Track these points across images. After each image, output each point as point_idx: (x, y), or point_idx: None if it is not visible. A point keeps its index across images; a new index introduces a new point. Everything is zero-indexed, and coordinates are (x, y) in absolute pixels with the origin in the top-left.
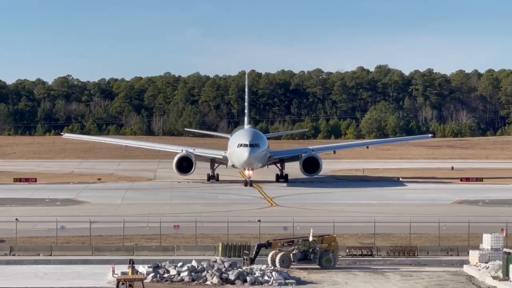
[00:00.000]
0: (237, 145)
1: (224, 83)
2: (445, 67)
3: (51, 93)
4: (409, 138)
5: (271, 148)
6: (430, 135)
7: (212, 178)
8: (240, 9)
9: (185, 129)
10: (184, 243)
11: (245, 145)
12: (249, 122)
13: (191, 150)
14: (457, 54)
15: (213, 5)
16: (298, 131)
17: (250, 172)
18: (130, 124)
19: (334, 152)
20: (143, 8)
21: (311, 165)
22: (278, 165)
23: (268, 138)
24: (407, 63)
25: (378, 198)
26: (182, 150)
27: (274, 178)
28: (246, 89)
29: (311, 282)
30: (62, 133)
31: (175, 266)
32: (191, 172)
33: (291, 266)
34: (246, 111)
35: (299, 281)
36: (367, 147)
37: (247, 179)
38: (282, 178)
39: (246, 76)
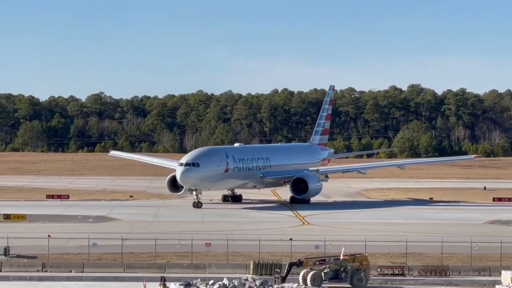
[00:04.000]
0: (178, 163)
1: (257, 101)
2: (478, 86)
3: (84, 110)
4: (454, 158)
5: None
6: (474, 155)
7: (228, 198)
8: (273, 27)
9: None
10: (216, 261)
11: (181, 164)
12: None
13: None
14: (490, 73)
15: (246, 23)
16: (384, 149)
17: (197, 192)
18: (163, 142)
19: (365, 172)
20: (175, 25)
21: (303, 186)
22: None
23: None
24: (439, 82)
25: (409, 217)
26: None
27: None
28: (326, 105)
29: None
30: (109, 150)
31: (207, 284)
32: (182, 191)
33: (322, 285)
34: (317, 128)
35: None
36: (403, 168)
37: (195, 200)
38: (297, 199)
39: (330, 89)
